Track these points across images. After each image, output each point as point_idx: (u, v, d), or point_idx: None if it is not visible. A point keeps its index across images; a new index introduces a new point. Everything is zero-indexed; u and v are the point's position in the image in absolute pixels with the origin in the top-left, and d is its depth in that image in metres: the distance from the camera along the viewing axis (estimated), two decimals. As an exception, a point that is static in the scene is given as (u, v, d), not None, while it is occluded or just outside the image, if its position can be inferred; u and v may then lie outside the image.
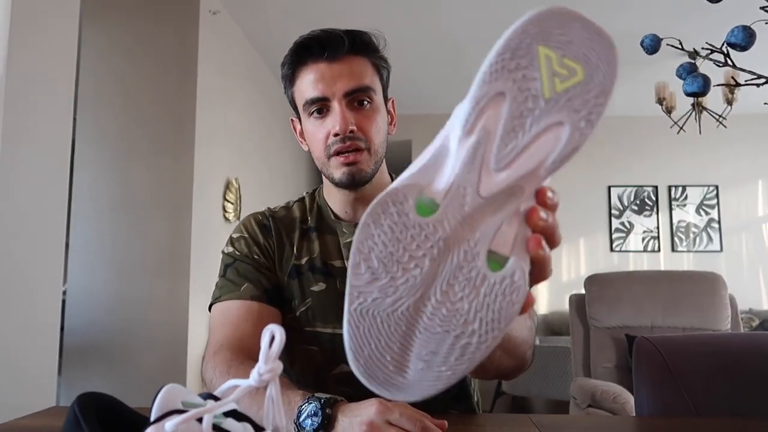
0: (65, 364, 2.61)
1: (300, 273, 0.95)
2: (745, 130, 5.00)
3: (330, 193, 0.99)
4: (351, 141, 0.87)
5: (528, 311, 0.45)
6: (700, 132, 3.82)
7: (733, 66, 0.70)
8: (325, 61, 0.88)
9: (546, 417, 0.89)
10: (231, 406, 0.38)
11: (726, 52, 0.70)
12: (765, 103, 0.63)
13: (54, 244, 1.82)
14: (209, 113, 3.02)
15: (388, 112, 0.96)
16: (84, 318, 2.72)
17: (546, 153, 0.39)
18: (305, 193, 1.06)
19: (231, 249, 0.97)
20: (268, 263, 0.96)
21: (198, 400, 0.38)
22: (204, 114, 2.94)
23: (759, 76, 0.68)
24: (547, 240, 0.40)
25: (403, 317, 0.38)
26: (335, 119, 0.87)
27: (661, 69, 3.79)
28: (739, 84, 0.73)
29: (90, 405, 0.39)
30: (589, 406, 2.27)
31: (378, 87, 0.93)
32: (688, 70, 0.76)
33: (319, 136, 0.89)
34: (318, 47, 0.89)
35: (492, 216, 0.38)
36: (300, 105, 0.92)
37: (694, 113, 3.82)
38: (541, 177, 0.39)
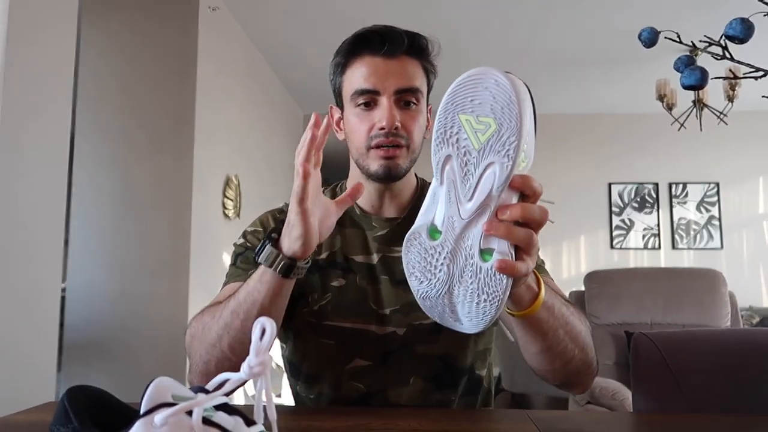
0: (65, 360, 2.62)
1: (320, 267, 0.96)
2: (746, 127, 4.99)
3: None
4: (394, 137, 0.90)
5: (515, 276, 0.57)
6: (701, 129, 3.82)
7: (732, 59, 0.69)
8: (382, 57, 0.90)
9: (543, 413, 0.89)
10: (221, 399, 0.38)
11: (724, 45, 0.69)
12: (763, 96, 0.63)
13: (53, 241, 1.82)
14: (209, 110, 3.01)
15: (426, 117, 0.98)
16: (84, 315, 2.72)
17: (491, 183, 0.56)
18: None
19: (243, 240, 0.98)
20: None
21: (188, 393, 0.38)
22: (204, 111, 2.94)
23: (757, 69, 0.68)
24: (508, 233, 0.57)
25: (445, 297, 0.61)
26: (383, 114, 0.89)
27: (662, 66, 3.78)
28: (738, 77, 0.72)
29: (79, 398, 0.39)
30: (588, 402, 2.27)
31: (424, 90, 0.95)
32: (685, 62, 0.75)
33: (363, 127, 0.91)
34: (378, 41, 0.91)
35: (474, 227, 0.58)
36: (347, 95, 0.94)
37: (694, 110, 3.82)
38: (495, 197, 0.56)
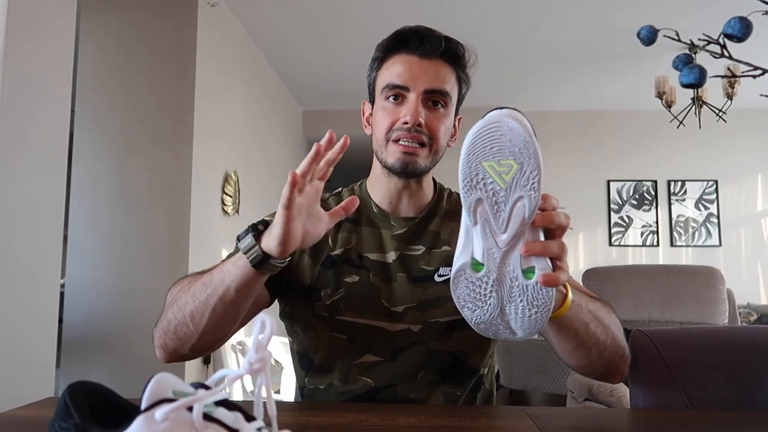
0: (64, 356, 2.62)
1: (335, 263, 0.96)
2: (745, 124, 5.00)
3: (377, 182, 1.01)
4: (416, 134, 0.91)
5: (558, 284, 0.64)
6: (699, 126, 3.82)
7: (730, 57, 0.69)
8: (417, 56, 0.92)
9: (541, 409, 0.89)
10: (221, 395, 0.38)
11: (723, 43, 0.69)
12: (761, 95, 0.63)
13: (52, 236, 1.82)
14: (208, 106, 3.01)
15: (453, 125, 0.99)
16: (83, 310, 2.72)
17: (522, 214, 0.62)
18: (342, 189, 1.07)
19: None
20: None
21: (189, 389, 0.38)
22: (203, 107, 2.94)
23: (755, 67, 0.68)
24: (545, 249, 0.64)
25: (498, 318, 0.68)
26: (408, 109, 0.91)
27: (661, 63, 3.78)
28: (736, 75, 0.72)
29: (81, 394, 0.39)
30: (586, 399, 2.28)
31: (454, 97, 0.96)
32: (684, 61, 0.75)
33: (387, 120, 0.93)
34: (416, 41, 0.92)
35: (513, 252, 0.64)
36: (379, 88, 0.96)
37: (694, 108, 3.82)
38: (527, 224, 0.63)
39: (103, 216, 2.78)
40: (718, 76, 0.72)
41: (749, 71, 0.68)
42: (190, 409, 0.36)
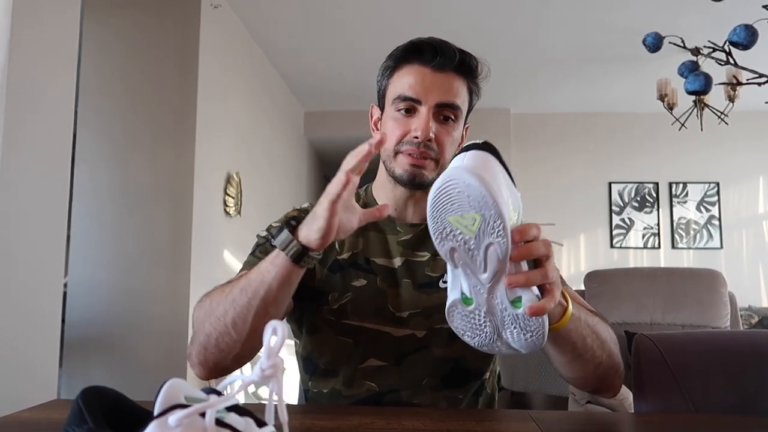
0: (66, 356, 2.62)
1: (342, 267, 0.97)
2: (747, 127, 4.99)
3: (382, 188, 1.01)
4: (425, 149, 0.92)
5: (542, 313, 0.66)
6: (701, 129, 3.82)
7: (735, 65, 0.70)
8: (431, 68, 0.92)
9: (546, 413, 0.89)
10: (233, 401, 0.39)
11: (728, 50, 0.70)
12: (766, 102, 0.64)
13: (55, 236, 1.83)
14: (210, 107, 3.01)
15: (461, 135, 1.00)
16: (85, 310, 2.73)
17: (497, 255, 0.64)
18: None
19: (266, 233, 0.99)
20: None
21: (201, 395, 0.39)
22: (205, 107, 2.94)
23: (760, 75, 0.68)
24: (527, 280, 0.66)
25: (498, 341, 0.71)
26: (419, 123, 0.91)
27: (663, 65, 3.78)
28: (741, 83, 0.73)
29: (94, 399, 0.39)
30: (588, 402, 2.28)
31: (465, 109, 0.97)
32: (690, 68, 0.76)
33: (398, 131, 0.94)
34: (429, 53, 0.92)
35: (498, 286, 0.67)
36: (390, 98, 0.96)
37: (695, 110, 3.82)
38: (505, 262, 0.65)
39: (106, 216, 2.79)
40: (723, 83, 0.72)
41: (754, 78, 0.69)
42: (202, 415, 0.36)
